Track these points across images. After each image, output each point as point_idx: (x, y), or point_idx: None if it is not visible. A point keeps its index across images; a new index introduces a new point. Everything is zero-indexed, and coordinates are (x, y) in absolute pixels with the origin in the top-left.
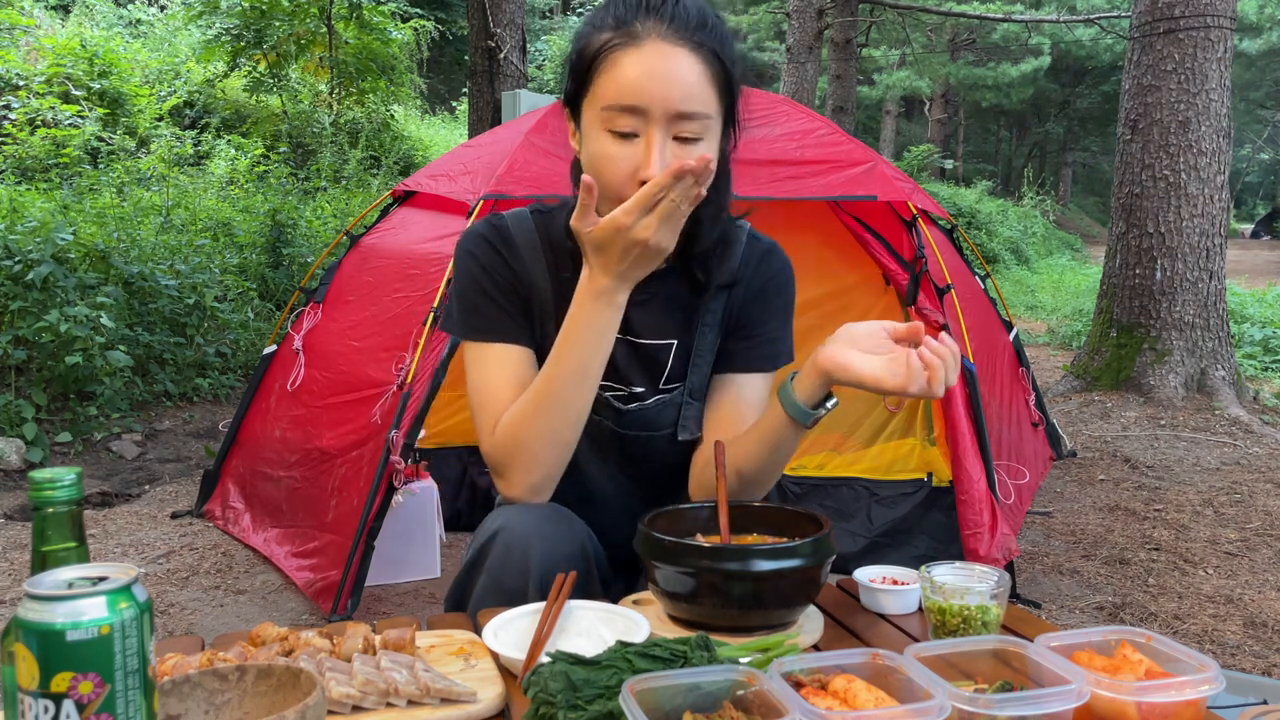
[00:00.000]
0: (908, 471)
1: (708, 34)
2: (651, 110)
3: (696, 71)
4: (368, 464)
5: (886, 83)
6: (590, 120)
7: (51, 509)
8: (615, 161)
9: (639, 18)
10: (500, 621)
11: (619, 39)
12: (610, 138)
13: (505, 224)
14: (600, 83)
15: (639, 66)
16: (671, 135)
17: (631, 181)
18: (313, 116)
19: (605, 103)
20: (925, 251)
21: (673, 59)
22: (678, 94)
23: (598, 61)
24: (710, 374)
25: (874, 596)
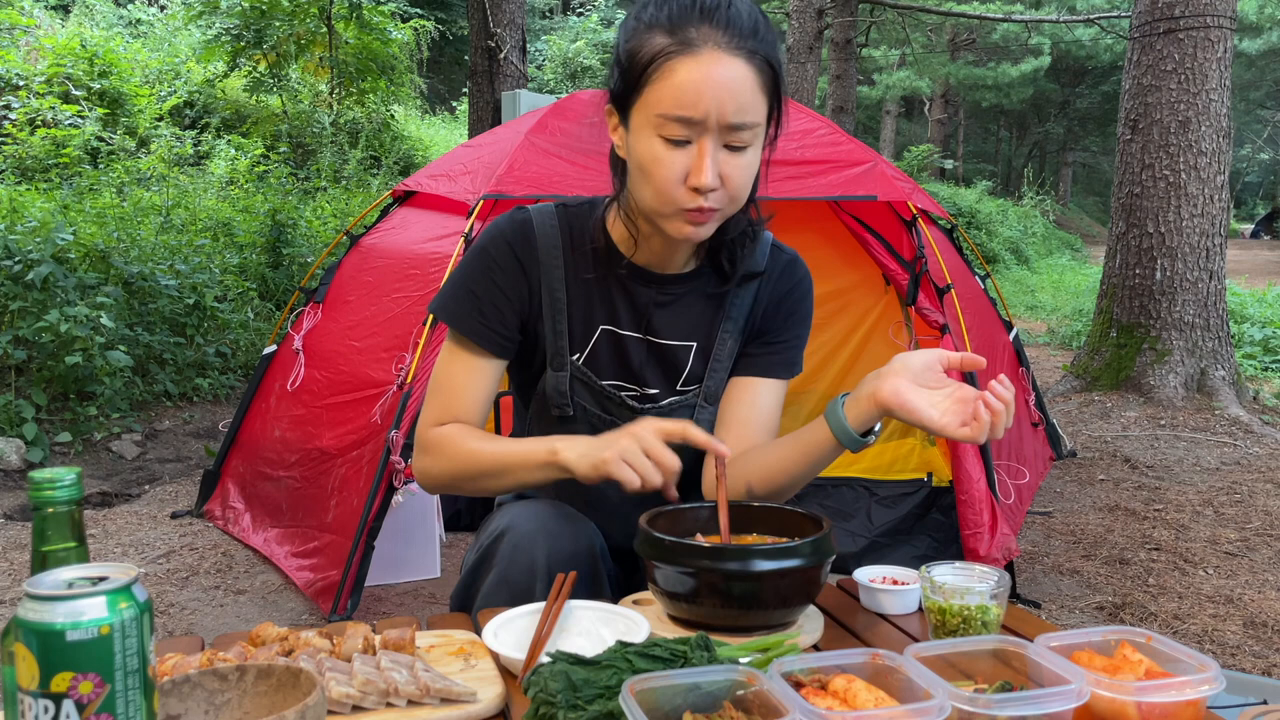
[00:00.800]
0: (908, 471)
1: (760, 41)
2: (707, 121)
3: (750, 81)
4: (368, 464)
5: (886, 83)
6: (641, 123)
7: (51, 509)
8: (667, 167)
9: (694, 23)
10: (500, 621)
11: (675, 46)
12: (662, 143)
13: (529, 220)
14: (654, 89)
15: (696, 76)
16: (723, 143)
17: (681, 186)
18: (313, 116)
19: (660, 110)
20: (925, 251)
21: (730, 70)
22: (733, 106)
23: (652, 67)
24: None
25: (874, 596)
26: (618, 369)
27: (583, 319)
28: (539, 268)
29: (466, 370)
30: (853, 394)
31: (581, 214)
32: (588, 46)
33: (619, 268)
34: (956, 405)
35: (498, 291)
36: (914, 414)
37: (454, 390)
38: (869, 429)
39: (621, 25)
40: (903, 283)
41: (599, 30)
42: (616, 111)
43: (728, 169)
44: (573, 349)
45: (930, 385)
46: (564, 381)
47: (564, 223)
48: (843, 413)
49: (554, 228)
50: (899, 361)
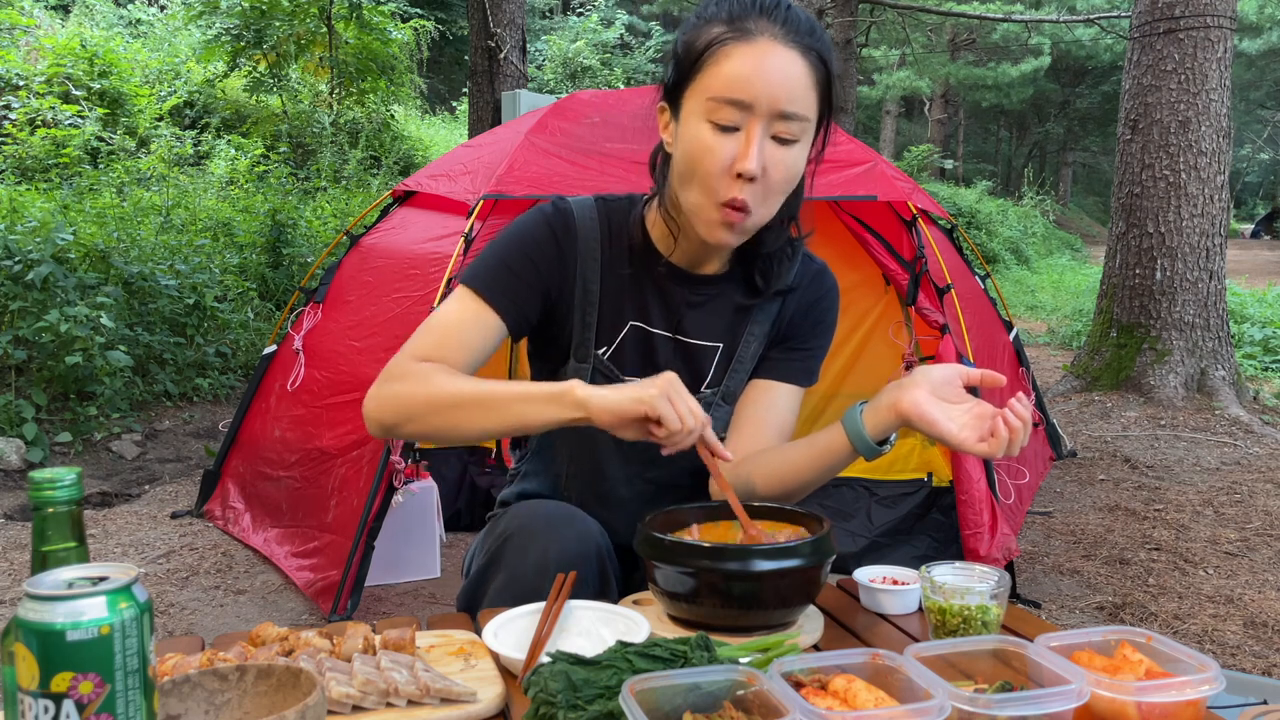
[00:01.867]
0: (908, 471)
1: (816, 39)
2: (757, 105)
3: (804, 73)
4: (368, 464)
5: (886, 83)
6: (691, 109)
7: (51, 509)
8: (713, 153)
9: (753, 16)
10: (500, 621)
11: (731, 34)
12: (711, 128)
13: (570, 211)
14: (708, 73)
15: (750, 61)
16: (771, 134)
17: (726, 173)
18: (313, 116)
19: (712, 93)
20: (925, 251)
21: (784, 58)
22: (784, 93)
23: (707, 53)
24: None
25: (874, 596)
26: (643, 366)
27: (613, 313)
28: (577, 257)
29: (471, 319)
30: (872, 402)
31: (620, 209)
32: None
33: (656, 265)
34: (975, 420)
35: (533, 270)
36: (933, 427)
37: (449, 333)
38: (885, 438)
39: (680, 27)
40: (903, 283)
41: (599, 30)
42: (668, 105)
43: (772, 160)
44: (599, 342)
45: (949, 399)
46: (585, 374)
47: (603, 216)
48: (861, 420)
49: (593, 220)
50: (920, 374)
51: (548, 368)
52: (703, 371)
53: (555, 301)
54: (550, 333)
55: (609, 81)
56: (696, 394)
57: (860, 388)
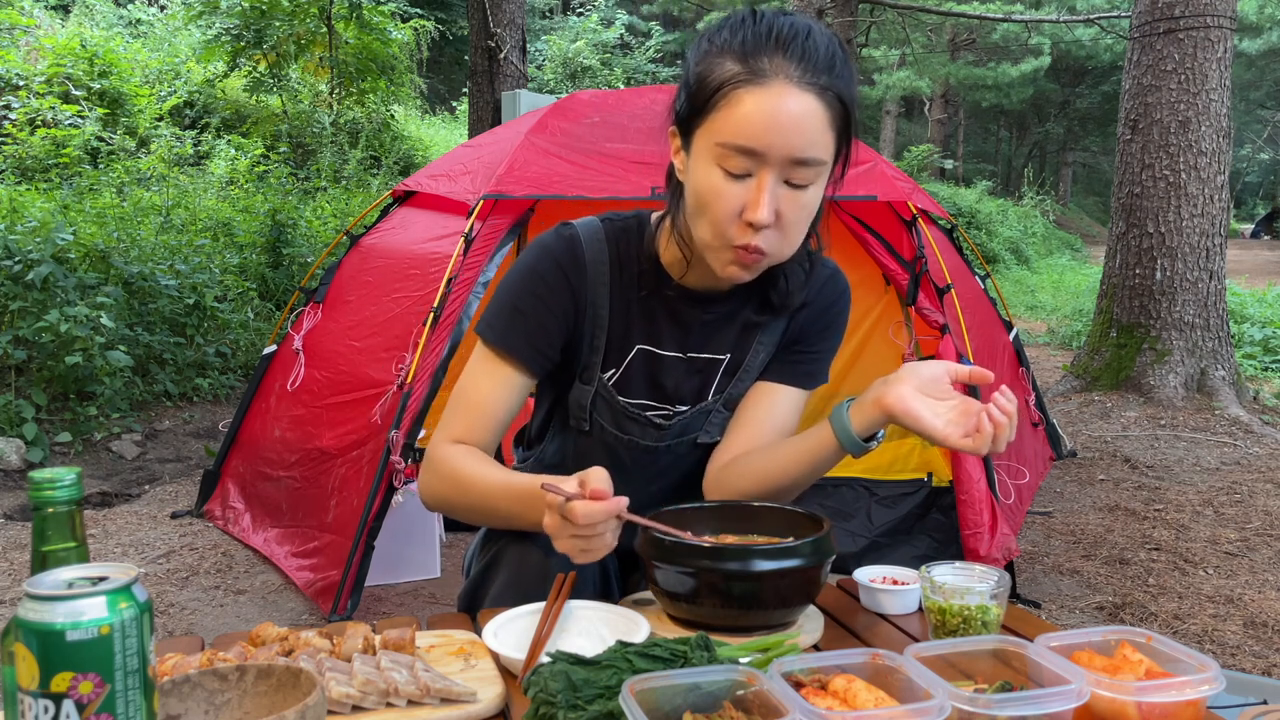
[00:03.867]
0: (908, 471)
1: (835, 77)
2: (769, 154)
3: (820, 118)
4: (368, 464)
5: (886, 83)
6: (702, 150)
7: (51, 509)
8: (724, 199)
9: (767, 53)
10: (500, 621)
11: (744, 75)
12: (722, 174)
13: (576, 238)
14: (719, 117)
15: (763, 110)
16: (784, 179)
17: (736, 220)
18: (313, 116)
19: (722, 139)
20: (925, 251)
21: (798, 105)
22: (798, 141)
23: (719, 94)
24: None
25: (874, 596)
26: (650, 389)
27: (621, 337)
28: (587, 287)
29: (498, 384)
30: (859, 399)
31: (628, 230)
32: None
33: (667, 289)
34: (961, 416)
35: (545, 310)
36: (918, 422)
37: (480, 404)
38: (872, 434)
39: (693, 46)
40: (903, 283)
41: (599, 30)
42: (680, 134)
43: (785, 206)
44: (606, 366)
45: (937, 396)
46: (587, 396)
47: (610, 240)
48: (848, 417)
49: (601, 245)
50: (907, 370)
51: (554, 387)
52: (709, 382)
53: (569, 332)
54: (563, 357)
55: (609, 81)
56: (702, 402)
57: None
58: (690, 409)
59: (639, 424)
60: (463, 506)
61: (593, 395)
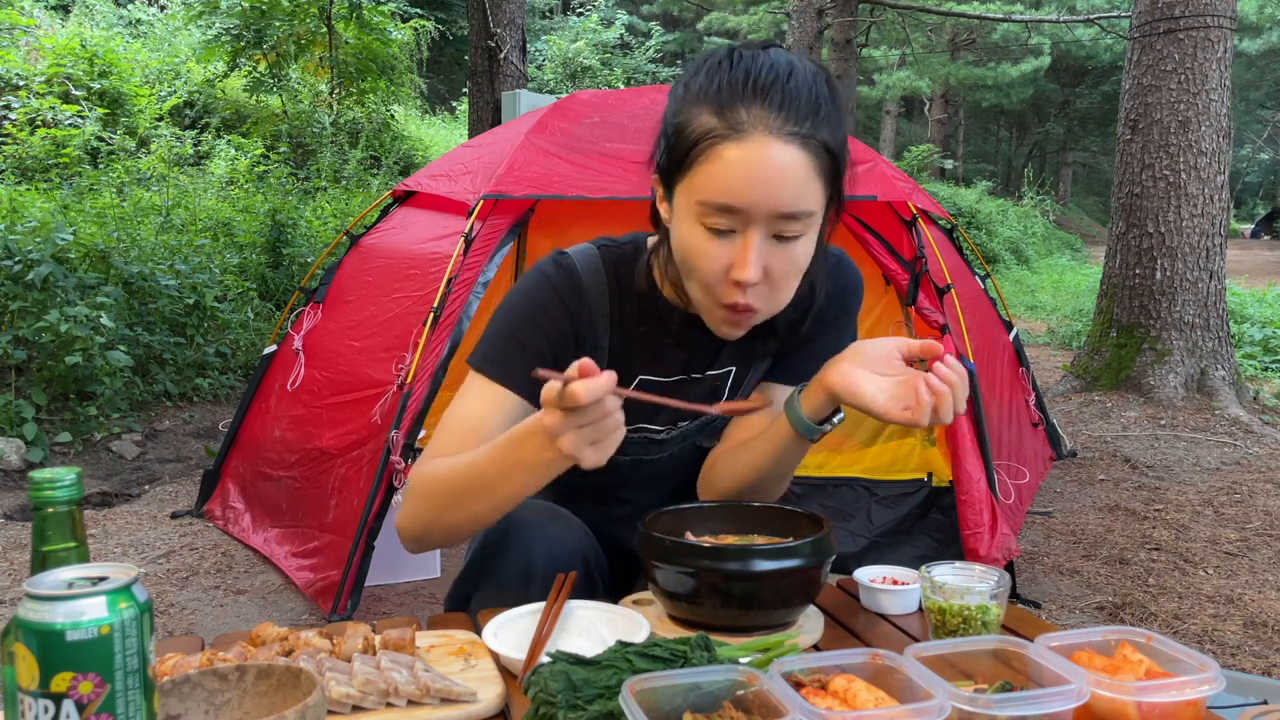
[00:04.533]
0: (908, 471)
1: (819, 122)
2: (752, 212)
3: (804, 169)
4: (368, 464)
5: (886, 83)
6: (684, 206)
7: (51, 509)
8: (709, 258)
9: (744, 102)
10: (500, 621)
11: (722, 129)
12: (705, 232)
13: (574, 265)
14: (699, 174)
15: (743, 166)
16: (772, 233)
17: (723, 279)
18: (313, 116)
19: (703, 198)
20: (925, 251)
21: (780, 158)
22: (783, 196)
23: (696, 150)
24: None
25: (874, 596)
26: (653, 414)
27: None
28: (588, 317)
29: (488, 410)
30: (808, 382)
31: (625, 258)
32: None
33: (670, 320)
34: (904, 390)
35: (542, 339)
36: (858, 398)
37: (466, 427)
38: (825, 417)
39: (671, 91)
40: (903, 283)
41: (599, 30)
42: (661, 184)
43: (774, 262)
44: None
45: (885, 372)
46: None
47: (609, 268)
48: (798, 402)
49: (599, 274)
50: (853, 348)
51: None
52: (716, 396)
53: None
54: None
55: (609, 81)
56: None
57: None
58: (693, 422)
59: (638, 444)
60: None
61: None
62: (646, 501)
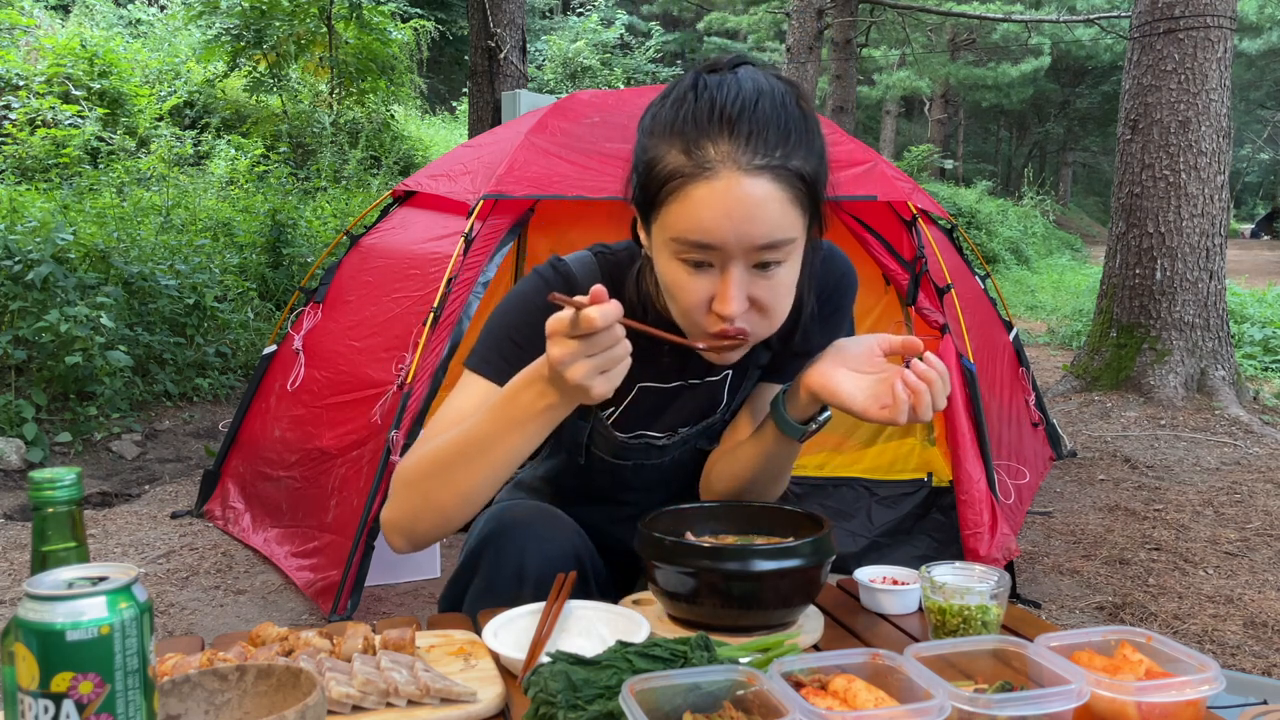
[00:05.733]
0: (908, 471)
1: (790, 150)
2: (728, 248)
3: (778, 200)
4: (368, 464)
5: (886, 83)
6: (660, 242)
7: (51, 509)
8: (690, 292)
9: (711, 137)
10: (500, 621)
11: (690, 167)
12: (682, 265)
13: (572, 274)
14: (671, 213)
15: (713, 206)
16: (752, 263)
17: (706, 310)
18: (313, 116)
19: (675, 234)
20: (925, 251)
21: (751, 193)
22: (758, 231)
23: (666, 190)
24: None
25: (874, 596)
26: (651, 420)
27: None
28: None
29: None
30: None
31: (621, 265)
32: (588, 46)
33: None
34: (884, 388)
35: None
36: (836, 397)
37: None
38: (810, 417)
39: (643, 121)
40: (903, 283)
41: (599, 30)
42: (638, 215)
43: (758, 291)
44: (604, 405)
45: (865, 370)
46: (582, 432)
47: (605, 275)
48: (783, 404)
49: (595, 281)
50: (834, 348)
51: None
52: (715, 401)
53: None
54: None
55: (609, 81)
56: (709, 417)
57: None
58: (694, 427)
59: (639, 450)
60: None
61: (589, 431)
62: (647, 503)
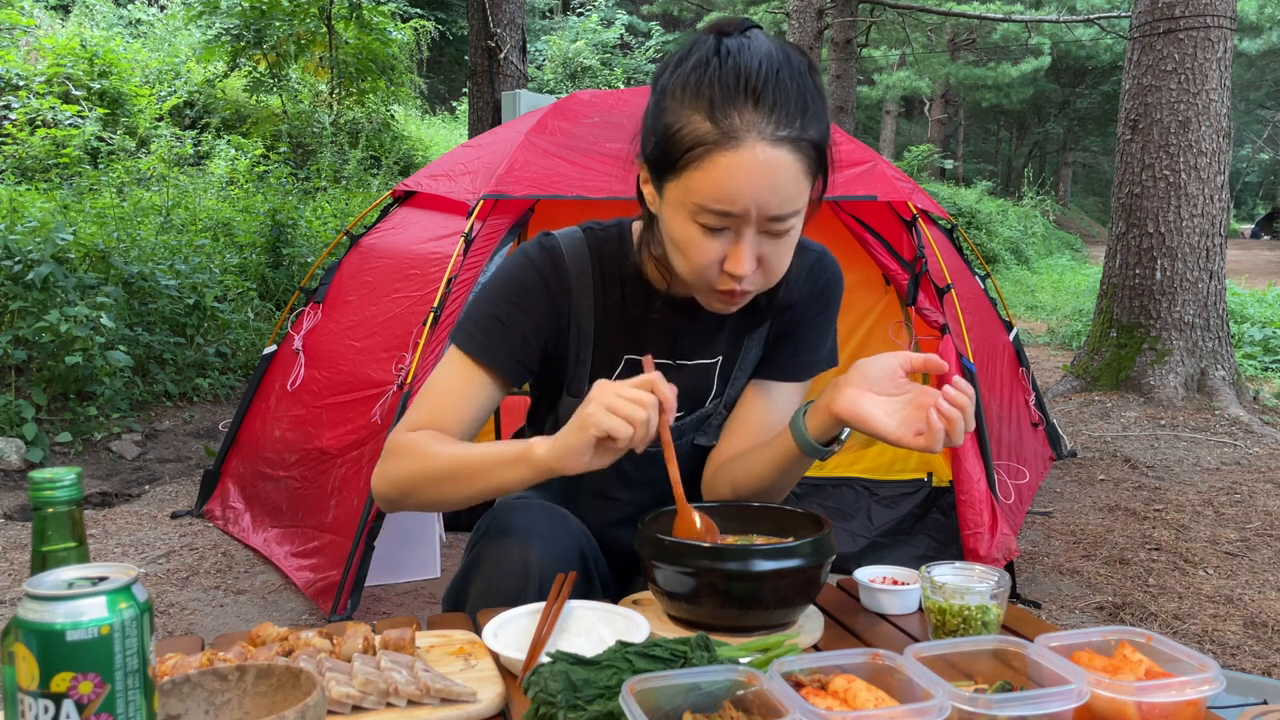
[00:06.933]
0: (908, 471)
1: (808, 122)
2: (747, 216)
3: (794, 171)
4: (368, 464)
5: (886, 83)
6: (677, 203)
7: (51, 509)
8: (703, 250)
9: (737, 107)
10: (500, 621)
11: (716, 135)
12: (698, 229)
13: (558, 248)
14: (693, 177)
15: (738, 174)
16: (762, 230)
17: (717, 269)
18: (313, 116)
19: (697, 200)
20: (925, 251)
21: (773, 162)
22: (776, 201)
23: (691, 155)
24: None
25: (874, 596)
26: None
27: (608, 349)
28: (570, 299)
29: (465, 384)
30: (814, 403)
31: (609, 240)
32: (588, 46)
33: (653, 300)
34: (914, 412)
35: (526, 320)
36: (868, 424)
37: (443, 401)
38: (832, 438)
39: (659, 80)
40: (903, 283)
41: (599, 30)
42: (650, 174)
43: (766, 252)
44: (594, 378)
45: (890, 392)
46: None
47: (593, 250)
48: (804, 423)
49: (584, 256)
50: (857, 370)
51: (546, 400)
52: (706, 387)
53: (551, 343)
54: (547, 370)
55: (609, 81)
56: (700, 408)
57: None
58: (688, 415)
59: None
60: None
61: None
62: (645, 500)
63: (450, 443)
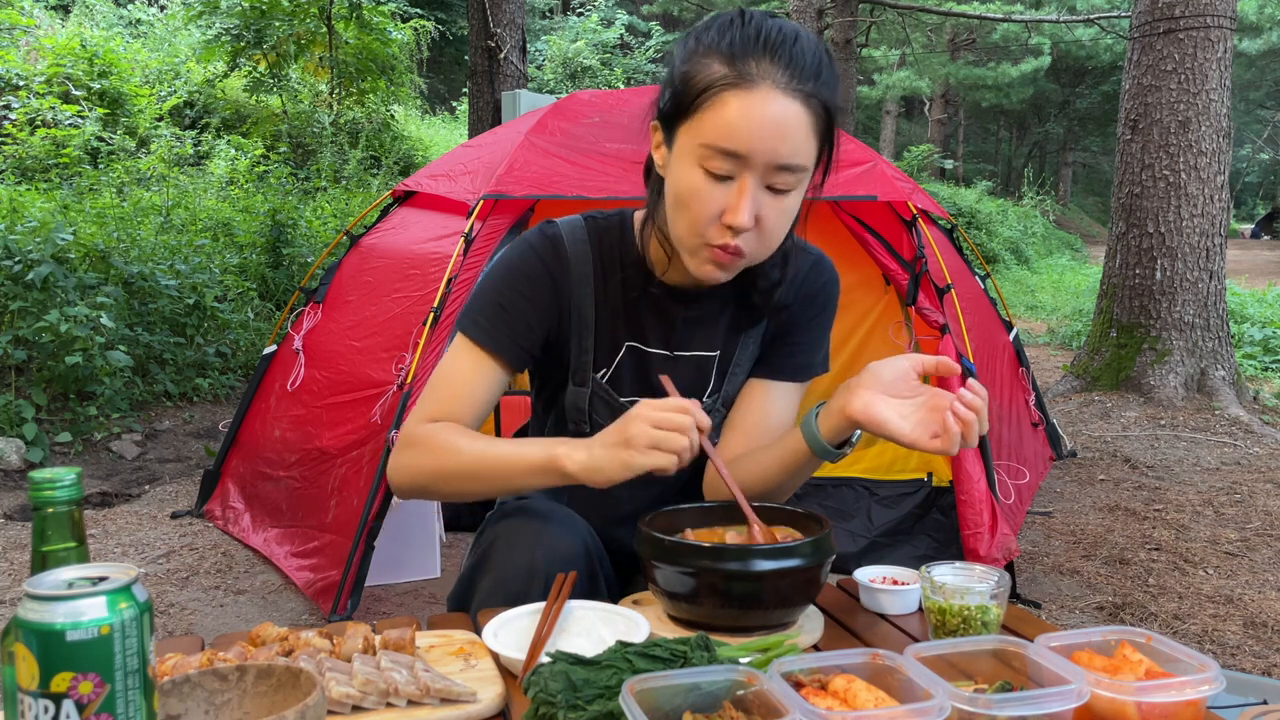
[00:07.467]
0: (908, 471)
1: (820, 84)
2: (752, 158)
3: (804, 124)
4: (368, 464)
5: (886, 83)
6: (685, 148)
7: (51, 509)
8: (704, 200)
9: (754, 56)
10: (500, 621)
11: (731, 77)
12: (703, 174)
13: (559, 235)
14: (704, 118)
15: (749, 114)
16: (766, 184)
17: (716, 220)
18: (313, 116)
19: (706, 140)
20: (925, 251)
21: (784, 111)
22: (783, 147)
23: (704, 95)
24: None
25: (874, 596)
26: (641, 386)
27: (609, 336)
28: (570, 285)
29: (474, 372)
30: (826, 405)
31: (610, 228)
32: (588, 46)
33: (651, 286)
34: (929, 415)
35: (528, 306)
36: (884, 428)
37: (455, 390)
38: (844, 440)
39: (679, 43)
40: (903, 283)
41: (599, 30)
42: (662, 129)
43: (765, 211)
44: (597, 366)
45: (902, 395)
46: (584, 398)
47: (594, 238)
48: (816, 425)
49: (584, 243)
50: (869, 373)
51: (548, 389)
52: (703, 381)
53: (552, 330)
54: (549, 358)
55: (609, 81)
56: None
57: None
58: None
59: None
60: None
61: (589, 396)
62: (646, 500)
63: (471, 437)
